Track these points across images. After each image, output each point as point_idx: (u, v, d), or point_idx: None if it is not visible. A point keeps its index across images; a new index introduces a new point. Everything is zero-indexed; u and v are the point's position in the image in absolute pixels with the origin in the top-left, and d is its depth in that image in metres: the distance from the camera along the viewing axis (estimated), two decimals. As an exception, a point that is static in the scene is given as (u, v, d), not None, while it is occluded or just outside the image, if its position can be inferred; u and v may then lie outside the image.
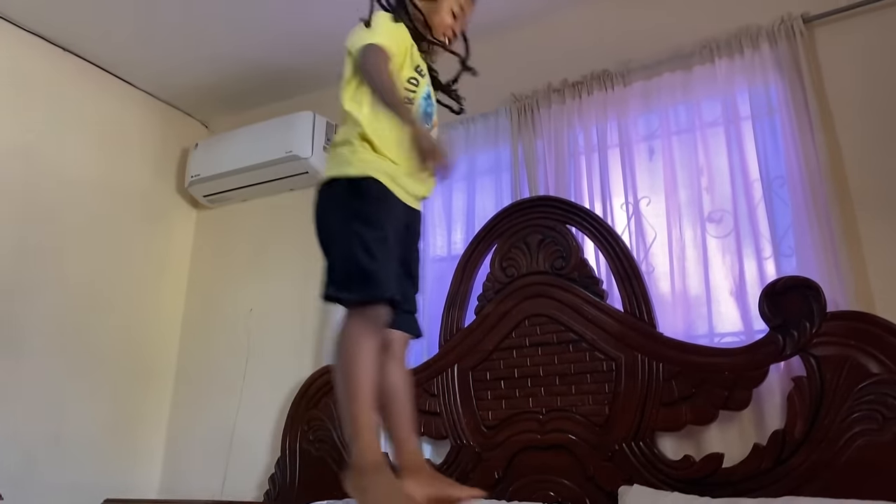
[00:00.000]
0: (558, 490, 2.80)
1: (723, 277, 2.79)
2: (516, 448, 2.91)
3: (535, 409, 2.91)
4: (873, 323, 2.35)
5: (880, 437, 2.28)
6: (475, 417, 3.04)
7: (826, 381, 2.39)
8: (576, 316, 2.89)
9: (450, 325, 3.20)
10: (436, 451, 3.16)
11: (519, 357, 2.99)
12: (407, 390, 1.87)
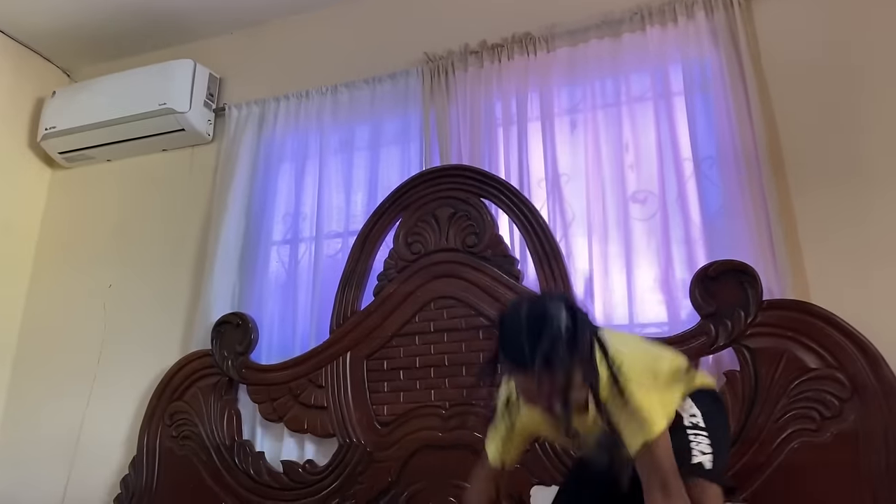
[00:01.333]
0: (460, 495, 2.46)
1: (647, 263, 2.55)
2: (414, 447, 2.57)
3: (438, 403, 2.58)
4: (813, 313, 2.16)
5: (817, 437, 2.08)
6: (368, 412, 2.67)
7: (760, 376, 2.18)
8: (488, 298, 2.58)
9: (344, 308, 2.82)
10: (320, 450, 2.77)
11: (422, 344, 2.65)
12: None
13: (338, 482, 2.66)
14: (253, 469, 2.80)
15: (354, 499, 2.60)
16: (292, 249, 3.11)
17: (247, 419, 2.92)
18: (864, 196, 2.30)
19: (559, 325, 1.45)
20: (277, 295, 3.07)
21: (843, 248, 2.28)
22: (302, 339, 2.92)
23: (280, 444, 2.84)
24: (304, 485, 2.71)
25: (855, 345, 2.09)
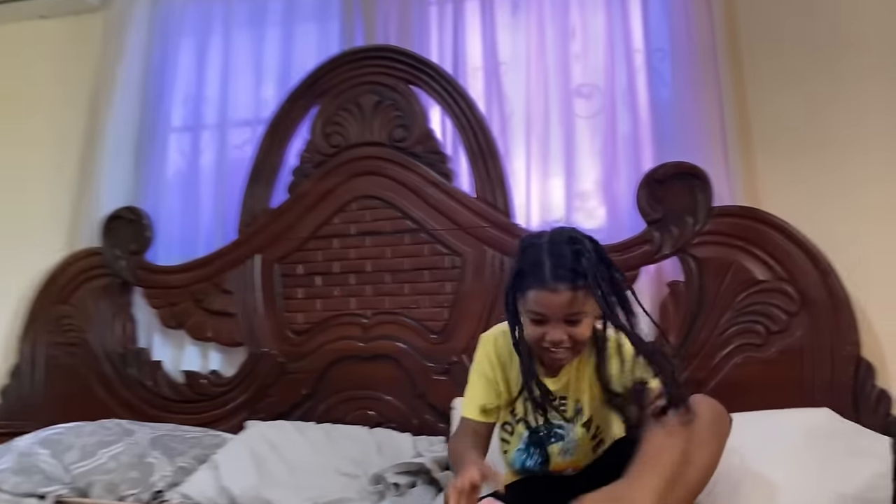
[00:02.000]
0: (380, 408, 2.30)
1: (590, 164, 2.34)
2: (331, 358, 2.36)
3: (359, 311, 2.36)
4: (766, 222, 2.01)
5: (761, 353, 1.98)
6: (280, 320, 2.43)
7: (706, 288, 2.05)
8: (415, 199, 2.34)
9: (253, 205, 2.52)
10: (227, 360, 2.53)
11: (341, 248, 2.40)
12: None
13: (246, 395, 2.43)
14: (150, 379, 2.55)
15: (264, 412, 2.39)
16: (194, 138, 2.75)
17: (143, 326, 2.64)
18: (824, 97, 2.14)
19: (592, 246, 1.41)
20: (177, 188, 2.73)
21: (798, 155, 2.13)
22: (206, 239, 2.63)
23: (181, 353, 2.59)
24: (208, 397, 2.48)
25: (807, 256, 1.97)
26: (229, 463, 2.01)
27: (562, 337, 1.41)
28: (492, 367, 1.57)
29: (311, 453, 2.04)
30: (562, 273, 1.38)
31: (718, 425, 1.43)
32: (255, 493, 1.90)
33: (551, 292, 1.38)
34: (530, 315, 1.43)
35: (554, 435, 1.54)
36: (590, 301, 1.41)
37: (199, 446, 2.16)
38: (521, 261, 1.46)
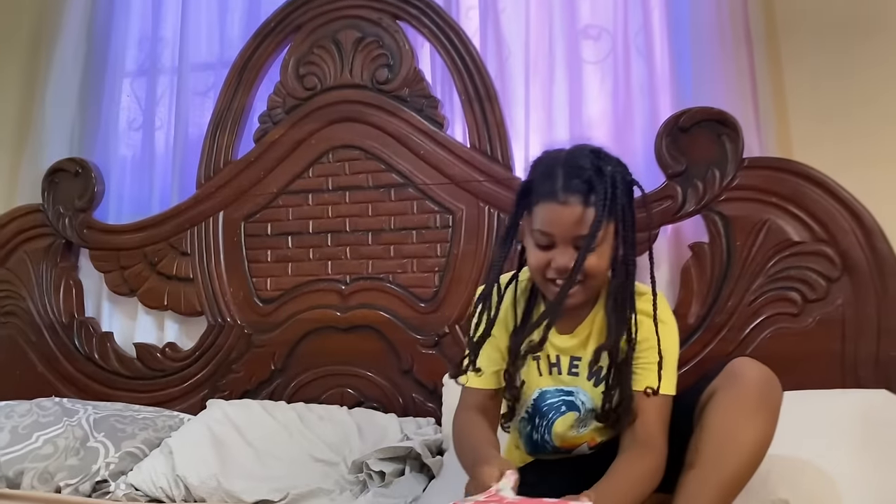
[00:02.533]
0: (360, 386, 2.04)
1: (598, 113, 2.08)
2: (304, 329, 2.10)
3: (336, 276, 2.09)
4: (805, 176, 1.77)
5: (797, 324, 1.74)
6: (246, 287, 2.15)
7: (734, 250, 1.80)
8: (402, 150, 2.06)
9: (215, 156, 2.23)
10: (185, 331, 2.26)
11: (316, 205, 2.12)
12: None
13: (207, 370, 2.16)
14: (98, 353, 2.26)
15: (228, 390, 2.12)
16: (150, 83, 2.45)
17: (90, 292, 2.35)
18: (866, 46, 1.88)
19: (621, 170, 1.23)
20: (130, 138, 2.44)
21: (836, 108, 1.88)
22: (161, 194, 2.33)
23: (133, 323, 2.30)
24: (164, 373, 2.19)
25: (851, 214, 1.73)
26: (186, 448, 1.73)
27: (568, 264, 1.18)
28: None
29: (281, 437, 1.77)
30: (576, 184, 1.18)
31: (768, 394, 1.19)
32: (216, 484, 1.63)
33: (561, 205, 1.17)
34: (537, 237, 1.22)
35: (566, 404, 1.30)
36: (607, 226, 1.19)
37: (151, 428, 1.88)
38: (532, 174, 1.26)
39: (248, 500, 1.60)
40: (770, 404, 1.19)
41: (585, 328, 1.29)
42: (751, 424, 1.15)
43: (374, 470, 1.55)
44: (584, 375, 1.29)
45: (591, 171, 1.18)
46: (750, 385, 1.18)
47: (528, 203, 1.23)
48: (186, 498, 1.65)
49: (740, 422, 1.15)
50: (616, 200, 1.18)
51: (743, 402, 1.16)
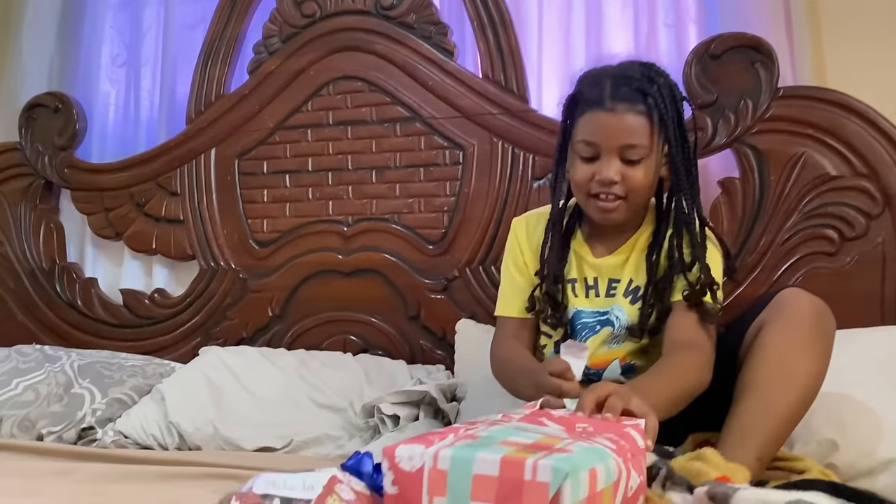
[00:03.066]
0: (364, 333, 1.92)
1: (619, 40, 1.94)
2: (304, 274, 1.97)
3: (338, 217, 1.96)
4: (845, 106, 1.65)
5: (834, 263, 1.63)
6: (241, 228, 2.02)
7: (768, 186, 1.69)
8: (408, 81, 1.92)
9: (206, 89, 2.08)
10: (174, 276, 2.13)
11: (316, 141, 1.98)
12: None
13: (199, 317, 2.03)
14: (81, 300, 2.13)
15: (222, 338, 1.99)
16: (134, 15, 2.28)
17: (72, 236, 2.21)
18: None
19: (672, 83, 1.19)
20: (114, 73, 2.27)
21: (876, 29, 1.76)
22: (148, 131, 2.19)
23: (119, 269, 2.17)
24: (153, 320, 2.06)
25: (893, 147, 1.62)
26: (179, 394, 1.61)
27: (614, 176, 1.14)
28: (522, 253, 1.30)
29: (282, 383, 1.65)
30: (624, 92, 1.13)
31: (823, 325, 1.13)
32: (213, 431, 1.52)
33: (608, 112, 1.13)
34: (581, 148, 1.16)
35: (600, 322, 1.24)
36: (654, 140, 1.14)
37: (140, 375, 1.76)
38: (578, 86, 1.19)
39: (248, 447, 1.48)
40: (825, 335, 1.12)
41: (626, 250, 1.23)
42: (806, 356, 1.08)
43: (387, 414, 1.43)
44: (622, 294, 1.22)
45: (641, 81, 1.13)
46: (804, 315, 1.11)
47: (573, 116, 1.17)
48: (180, 446, 1.53)
49: (795, 353, 1.08)
50: (667, 112, 1.12)
51: (797, 334, 1.09)
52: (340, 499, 0.74)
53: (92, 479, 1.17)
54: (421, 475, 0.67)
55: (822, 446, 1.20)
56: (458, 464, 0.67)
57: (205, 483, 1.16)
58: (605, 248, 1.24)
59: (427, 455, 0.68)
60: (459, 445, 0.69)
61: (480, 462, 0.66)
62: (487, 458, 0.66)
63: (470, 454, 0.67)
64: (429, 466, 0.67)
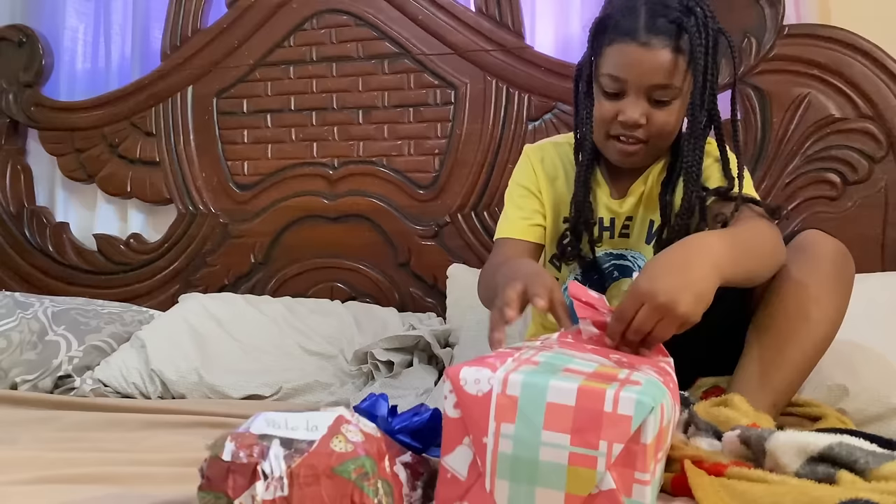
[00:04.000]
0: (351, 280, 1.85)
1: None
2: (288, 218, 1.90)
3: (323, 159, 1.88)
4: (852, 46, 1.59)
5: (836, 207, 1.60)
6: (220, 171, 1.93)
7: (770, 127, 1.64)
8: (397, 15, 1.83)
9: (182, 23, 1.96)
10: (152, 222, 2.04)
11: (299, 78, 1.89)
12: None
13: (178, 263, 1.95)
14: (53, 245, 2.03)
15: (203, 285, 1.92)
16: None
17: (41, 179, 2.11)
18: None
19: (711, 14, 1.05)
20: (81, 5, 2.13)
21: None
22: (120, 68, 2.07)
23: (92, 213, 2.07)
24: (129, 266, 1.98)
25: (900, 88, 1.57)
26: (160, 341, 1.54)
27: (639, 118, 1.04)
28: (536, 180, 1.19)
29: (269, 330, 1.58)
30: (661, 24, 1.01)
31: (843, 268, 1.06)
32: (197, 379, 1.46)
33: (641, 46, 1.01)
34: (605, 82, 1.05)
35: (618, 269, 1.16)
36: (687, 79, 1.04)
37: (118, 322, 1.68)
38: (608, 7, 1.07)
39: (234, 395, 1.43)
40: (845, 280, 1.06)
41: (639, 186, 1.15)
42: (826, 299, 1.03)
43: (381, 360, 1.38)
44: (642, 239, 1.14)
45: (679, 11, 1.01)
46: (825, 258, 1.05)
47: (601, 43, 1.05)
48: (163, 394, 1.47)
49: (815, 296, 1.02)
50: (703, 49, 1.01)
51: (818, 276, 1.03)
52: (347, 440, 0.68)
53: (73, 427, 1.11)
54: (488, 400, 0.62)
55: (832, 392, 1.17)
56: (530, 390, 0.62)
57: (193, 431, 1.10)
58: (623, 185, 1.16)
59: (496, 379, 0.63)
60: (528, 371, 0.64)
61: (555, 390, 0.62)
62: (563, 386, 0.62)
63: (544, 381, 0.62)
64: (497, 391, 0.62)
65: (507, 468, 0.61)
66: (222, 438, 0.63)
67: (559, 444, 0.60)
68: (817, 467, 0.70)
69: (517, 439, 0.61)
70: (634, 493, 0.59)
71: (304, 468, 0.61)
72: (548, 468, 0.60)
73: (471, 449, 0.63)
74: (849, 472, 0.68)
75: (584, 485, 0.59)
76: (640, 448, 0.59)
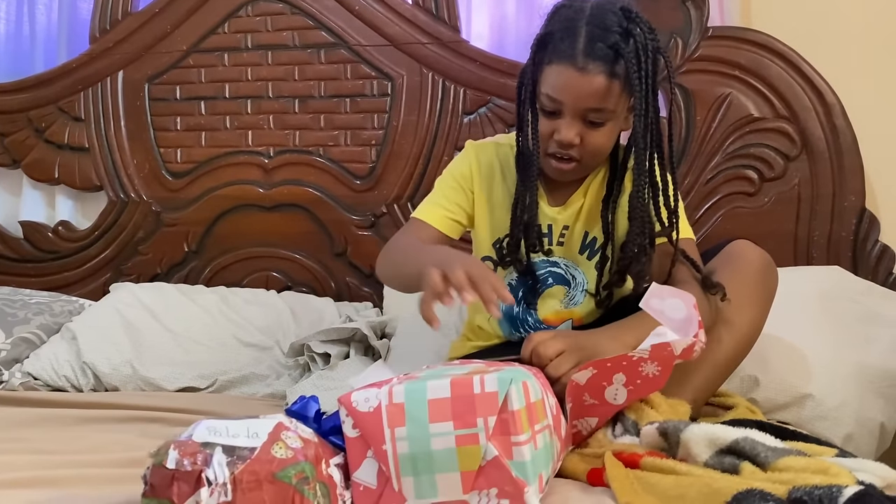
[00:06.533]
0: (287, 269, 1.87)
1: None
2: (222, 207, 1.89)
3: (258, 148, 1.88)
4: (771, 49, 1.67)
5: (753, 203, 1.69)
6: (152, 158, 1.91)
7: (694, 125, 1.71)
8: (333, 4, 1.84)
9: (111, 6, 1.91)
10: (81, 209, 2.00)
11: (233, 66, 1.88)
12: None
13: (109, 251, 1.92)
14: (-25, 233, 1.97)
15: (135, 273, 1.90)
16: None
17: (-39, 163, 2.02)
18: None
19: (651, 36, 1.05)
20: (3, -18, 2.05)
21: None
22: (46, 49, 2.01)
23: (17, 199, 2.01)
24: (58, 255, 1.94)
25: (812, 90, 1.66)
26: (92, 333, 1.52)
27: (573, 139, 1.05)
28: (471, 177, 1.19)
29: (203, 321, 1.59)
30: (599, 49, 1.01)
31: (768, 279, 1.15)
32: (131, 371, 1.45)
33: (578, 71, 1.01)
34: (544, 101, 1.06)
35: (553, 276, 1.19)
36: (622, 102, 1.06)
37: (47, 313, 1.65)
38: (550, 24, 1.07)
39: (169, 387, 1.43)
40: (768, 289, 1.14)
41: (578, 199, 1.18)
42: (750, 307, 1.10)
43: (318, 353, 1.40)
44: (576, 249, 1.18)
45: (618, 35, 1.01)
46: (751, 268, 1.13)
47: (541, 59, 1.06)
48: (96, 387, 1.46)
49: (740, 304, 1.08)
50: (640, 71, 1.02)
51: (743, 285, 1.10)
52: (287, 446, 0.71)
53: (4, 424, 1.10)
54: (380, 412, 0.72)
55: (744, 382, 1.26)
56: (412, 394, 0.72)
57: (129, 426, 1.11)
58: (559, 194, 1.18)
59: (382, 393, 0.73)
60: (409, 381, 0.75)
61: (432, 388, 0.72)
62: (438, 383, 0.72)
63: (422, 384, 0.73)
64: (385, 403, 0.72)
65: (408, 466, 0.71)
66: (165, 447, 0.65)
67: (445, 433, 0.70)
68: (724, 459, 0.77)
69: (410, 438, 0.71)
70: (515, 455, 0.70)
71: (246, 474, 0.64)
72: (441, 455, 0.70)
73: (374, 459, 0.72)
74: (751, 463, 0.74)
75: (472, 460, 0.70)
76: (509, 415, 0.70)
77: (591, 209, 1.17)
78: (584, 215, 1.17)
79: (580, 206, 1.17)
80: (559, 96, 1.04)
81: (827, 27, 1.75)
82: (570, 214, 1.17)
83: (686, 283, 1.06)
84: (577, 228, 1.18)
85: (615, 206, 1.14)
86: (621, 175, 1.14)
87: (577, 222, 1.18)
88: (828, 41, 1.74)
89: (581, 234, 1.18)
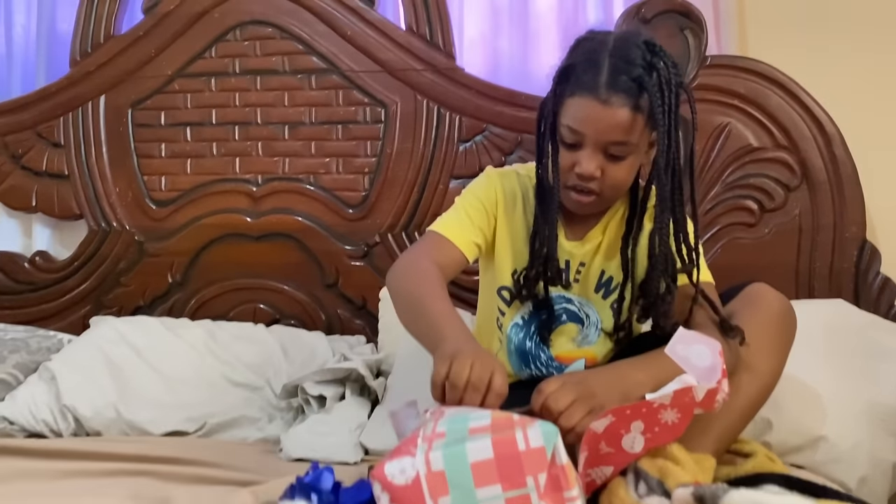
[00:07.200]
0: (276, 301, 1.81)
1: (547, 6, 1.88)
2: (208, 237, 1.83)
3: (245, 176, 1.82)
4: (770, 79, 1.65)
5: (753, 234, 1.67)
6: (136, 186, 1.85)
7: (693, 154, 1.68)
8: (324, 29, 1.78)
9: (94, 28, 1.86)
10: (59, 238, 1.94)
11: (220, 91, 1.82)
12: None
13: (89, 283, 1.85)
14: (-53, 263, 1.88)
15: (116, 306, 1.83)
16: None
17: (-66, 190, 1.94)
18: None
19: (675, 70, 1.04)
20: (-22, 3, 1.99)
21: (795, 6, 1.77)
22: (24, 73, 1.96)
23: (-8, 228, 1.92)
24: (34, 286, 1.87)
25: (812, 120, 1.64)
26: (72, 373, 1.44)
27: (594, 171, 1.03)
28: (496, 202, 1.16)
29: (189, 359, 1.52)
30: (623, 82, 1.00)
31: (788, 325, 1.12)
32: (115, 415, 1.38)
33: (601, 103, 1.00)
34: (565, 133, 1.04)
35: (567, 313, 1.15)
36: (644, 136, 1.03)
37: (24, 350, 1.57)
38: (572, 56, 1.06)
39: (155, 431, 1.36)
40: (788, 335, 1.12)
41: (597, 235, 1.15)
42: (771, 354, 1.08)
43: (313, 395, 1.34)
44: (591, 287, 1.14)
45: (641, 69, 1.00)
46: (772, 314, 1.10)
47: (563, 92, 1.03)
48: (77, 431, 1.38)
49: (761, 350, 1.06)
50: (663, 106, 1.00)
51: (763, 331, 1.07)
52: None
53: (-22, 481, 1.02)
54: (419, 483, 0.68)
55: (757, 425, 1.22)
56: (452, 460, 0.68)
57: (115, 482, 1.04)
58: (578, 228, 1.15)
59: (419, 462, 0.68)
60: (442, 444, 0.69)
61: (473, 450, 0.68)
62: (478, 445, 0.68)
63: (461, 448, 0.68)
64: (424, 472, 0.68)
65: None
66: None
67: (494, 496, 0.67)
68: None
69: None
70: None
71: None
72: None
73: None
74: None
75: None
76: (559, 470, 0.67)
77: (610, 247, 1.14)
78: (602, 253, 1.15)
79: (598, 244, 1.15)
80: (581, 128, 1.01)
81: (825, 56, 1.75)
82: (589, 251, 1.14)
83: (705, 327, 1.03)
84: (594, 266, 1.15)
85: (635, 244, 1.11)
86: (641, 213, 1.11)
87: (594, 260, 1.15)
88: (824, 70, 1.73)
89: (598, 272, 1.15)
